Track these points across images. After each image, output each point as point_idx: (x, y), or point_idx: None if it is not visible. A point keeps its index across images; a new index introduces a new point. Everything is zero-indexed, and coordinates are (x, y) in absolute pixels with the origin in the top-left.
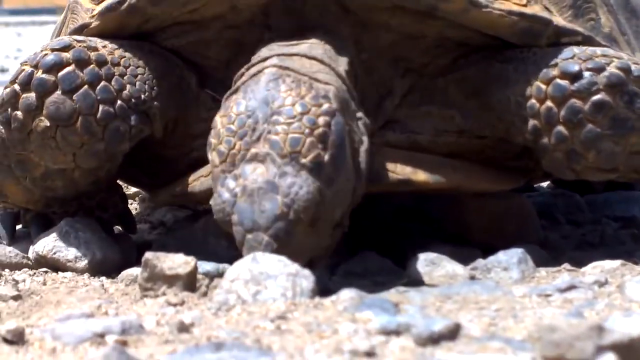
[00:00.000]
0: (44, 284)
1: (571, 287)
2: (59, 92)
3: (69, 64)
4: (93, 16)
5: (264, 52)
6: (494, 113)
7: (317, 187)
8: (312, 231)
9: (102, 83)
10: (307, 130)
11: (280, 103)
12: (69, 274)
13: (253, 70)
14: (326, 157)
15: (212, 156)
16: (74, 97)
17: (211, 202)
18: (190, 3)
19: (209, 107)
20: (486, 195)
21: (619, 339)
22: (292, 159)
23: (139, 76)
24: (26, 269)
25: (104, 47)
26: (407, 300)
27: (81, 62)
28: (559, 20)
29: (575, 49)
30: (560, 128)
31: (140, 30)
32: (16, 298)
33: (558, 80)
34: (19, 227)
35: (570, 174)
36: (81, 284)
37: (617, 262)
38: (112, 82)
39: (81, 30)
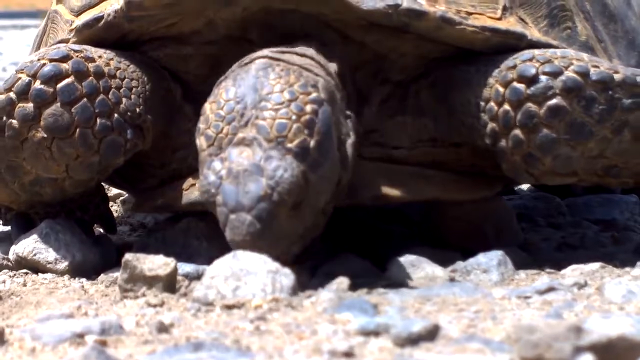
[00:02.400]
0: (24, 285)
1: (550, 289)
2: (57, 103)
3: (68, 76)
4: (72, 30)
5: (255, 54)
6: (458, 116)
7: (302, 171)
8: (295, 215)
9: (100, 96)
10: (294, 117)
11: (269, 90)
12: (49, 276)
13: (244, 61)
14: (312, 143)
15: (200, 141)
16: (73, 109)
17: (198, 183)
18: (167, 19)
19: (190, 118)
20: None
21: (597, 339)
22: (278, 143)
23: (134, 89)
24: (6, 270)
25: (100, 57)
26: (386, 301)
27: (80, 74)
28: (533, 32)
29: (536, 51)
30: (517, 132)
31: (118, 44)
32: None
33: (515, 84)
34: None
35: (529, 178)
36: (61, 285)
37: (596, 265)
38: (110, 95)
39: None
